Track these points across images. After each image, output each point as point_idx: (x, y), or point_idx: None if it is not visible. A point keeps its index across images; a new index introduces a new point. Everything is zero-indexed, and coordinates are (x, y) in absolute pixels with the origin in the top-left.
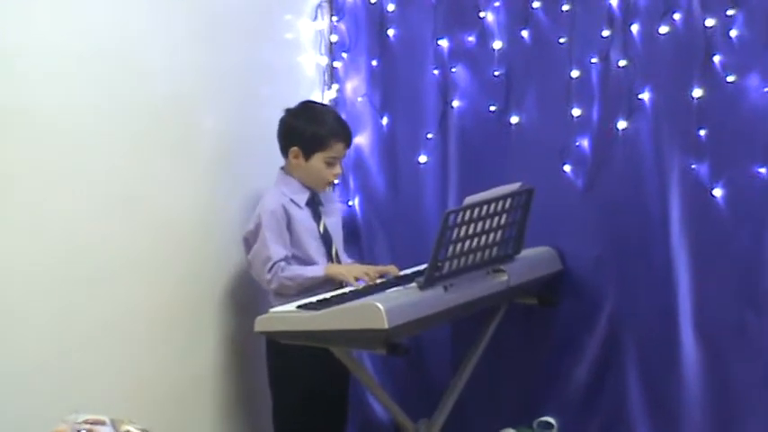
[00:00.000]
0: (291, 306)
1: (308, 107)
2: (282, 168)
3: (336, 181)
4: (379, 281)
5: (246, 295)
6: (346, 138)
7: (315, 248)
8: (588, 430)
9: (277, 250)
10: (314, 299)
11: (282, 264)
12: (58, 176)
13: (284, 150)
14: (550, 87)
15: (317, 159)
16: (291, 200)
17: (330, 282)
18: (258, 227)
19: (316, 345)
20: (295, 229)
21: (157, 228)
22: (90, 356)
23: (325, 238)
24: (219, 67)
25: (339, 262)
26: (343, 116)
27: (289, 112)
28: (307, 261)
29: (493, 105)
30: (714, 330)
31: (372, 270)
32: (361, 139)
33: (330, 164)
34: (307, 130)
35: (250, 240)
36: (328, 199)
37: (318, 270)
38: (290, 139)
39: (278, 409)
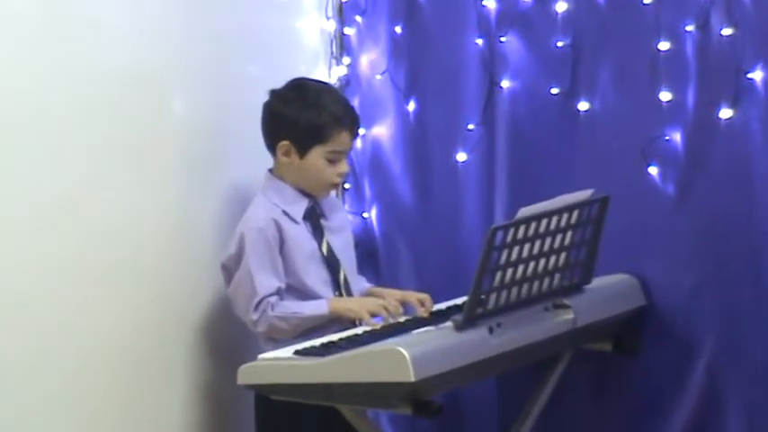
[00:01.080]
0: (287, 351)
1: (299, 86)
2: (271, 170)
3: (342, 183)
4: (403, 318)
5: (229, 336)
6: (351, 124)
7: (316, 276)
8: None
9: (266, 282)
10: (316, 342)
11: (273, 299)
12: None
13: (271, 146)
14: (631, 63)
15: (316, 155)
16: (284, 212)
17: (337, 321)
18: (241, 251)
19: (319, 403)
20: (290, 251)
21: (111, 243)
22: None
23: (330, 263)
24: (196, 35)
25: (349, 294)
26: (357, 100)
27: (275, 94)
28: (305, 293)
29: (555, 87)
30: None
31: (394, 303)
32: (381, 131)
33: (332, 160)
34: (299, 117)
35: (231, 268)
36: (333, 208)
37: (321, 306)
38: (279, 131)
39: None
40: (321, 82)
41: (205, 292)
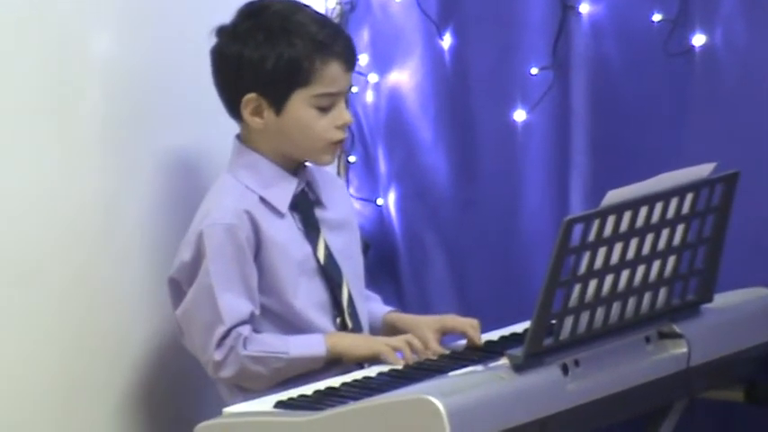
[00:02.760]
0: (265, 403)
1: (255, 12)
2: (239, 137)
3: (345, 152)
4: (432, 354)
5: (179, 380)
6: (342, 50)
7: (307, 295)
8: None
9: (234, 305)
10: (307, 389)
11: (245, 331)
12: None
13: (233, 106)
14: None
15: (298, 104)
16: (262, 200)
17: (336, 363)
18: (198, 258)
19: None
20: (269, 259)
21: (6, 246)
22: None
23: (329, 274)
24: None
25: (355, 320)
26: (366, 34)
27: (225, 33)
28: (290, 321)
29: (658, 12)
30: None
31: (430, 334)
32: (402, 78)
33: (324, 108)
34: (265, 56)
35: (182, 283)
36: (332, 191)
37: (315, 344)
38: (238, 83)
39: None
40: (286, 0)
41: (141, 316)
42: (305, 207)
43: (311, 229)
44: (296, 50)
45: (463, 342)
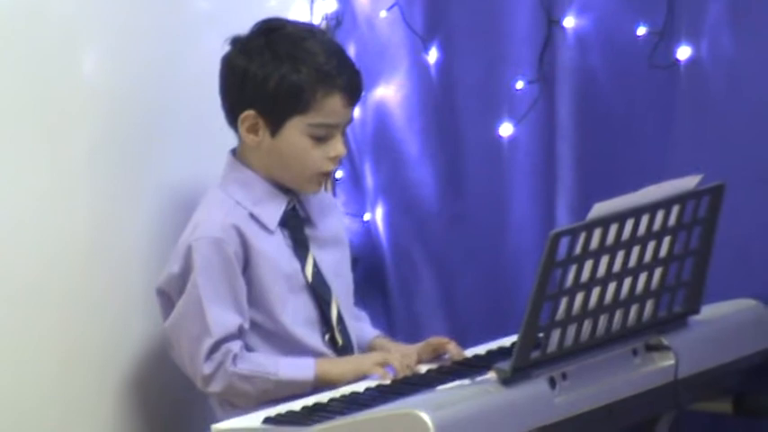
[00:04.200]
0: (253, 419)
1: (269, 30)
2: (234, 152)
3: (335, 170)
4: (423, 369)
5: (167, 394)
6: (348, 84)
7: (294, 312)
8: None
9: (223, 318)
10: (295, 405)
11: (235, 348)
12: None
13: (232, 118)
14: None
15: (294, 131)
16: (252, 216)
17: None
18: (187, 271)
19: None
20: (257, 274)
21: (5, 262)
22: None
23: (318, 292)
24: None
25: (345, 337)
26: (352, 49)
27: (236, 43)
28: (278, 334)
29: (643, 25)
30: None
31: (411, 352)
32: (388, 93)
33: (320, 138)
34: (267, 75)
35: (171, 295)
36: (324, 210)
37: (304, 368)
38: (240, 97)
39: None
40: (304, 24)
41: (132, 329)
42: (294, 224)
43: (300, 247)
44: (299, 77)
45: (448, 359)
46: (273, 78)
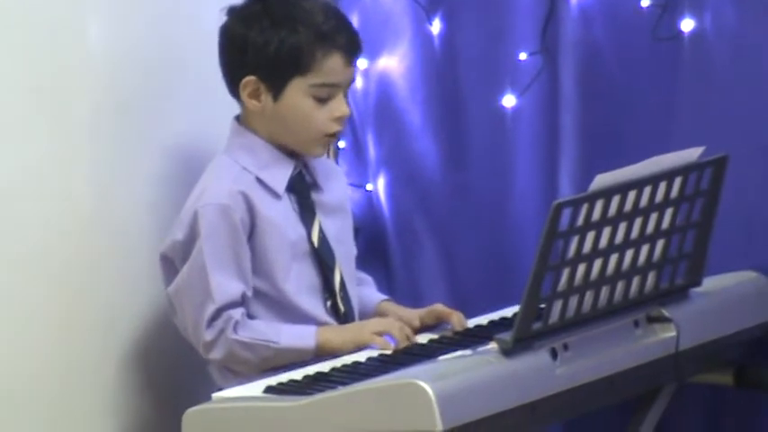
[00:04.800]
0: (255, 388)
1: None
2: (237, 119)
3: (340, 133)
4: (424, 339)
5: (169, 360)
6: (347, 43)
7: (298, 279)
8: None
9: (226, 285)
10: (297, 374)
11: (237, 315)
12: None
13: (233, 86)
14: None
15: (296, 93)
16: (259, 180)
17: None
18: (192, 237)
19: None
20: (262, 241)
21: (3, 229)
22: None
23: (322, 258)
24: None
25: (348, 305)
26: (355, 19)
27: (234, 13)
28: (281, 303)
29: None
30: None
31: (413, 318)
32: (391, 64)
33: (322, 99)
34: (267, 39)
35: (174, 261)
36: (329, 176)
37: (306, 336)
38: (240, 64)
39: None
40: None
41: (137, 295)
42: (301, 189)
43: (307, 212)
44: (298, 38)
45: (449, 329)
46: (273, 43)
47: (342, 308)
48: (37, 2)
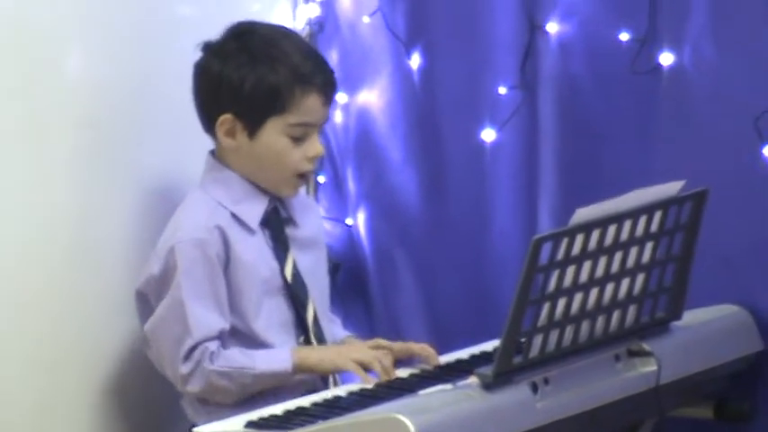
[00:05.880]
0: (234, 423)
1: (243, 32)
2: (213, 153)
3: (314, 173)
4: (405, 372)
5: (144, 396)
6: (323, 83)
7: (269, 316)
8: None
9: (204, 320)
10: (276, 408)
11: (213, 347)
12: None
13: (208, 123)
14: None
15: (272, 132)
16: (233, 216)
17: (301, 379)
18: (169, 273)
19: None
20: (236, 277)
21: None
22: None
23: (295, 293)
24: None
25: (321, 341)
26: (334, 54)
27: (209, 49)
28: (252, 338)
29: (625, 31)
30: None
31: (389, 352)
32: (371, 98)
33: (298, 138)
34: (243, 77)
35: (150, 297)
36: (304, 210)
37: (281, 359)
38: (216, 101)
39: None
40: (276, 26)
41: (112, 329)
42: (276, 224)
43: (281, 247)
44: (277, 77)
45: (428, 365)
46: (249, 80)
47: (315, 343)
48: (14, 33)
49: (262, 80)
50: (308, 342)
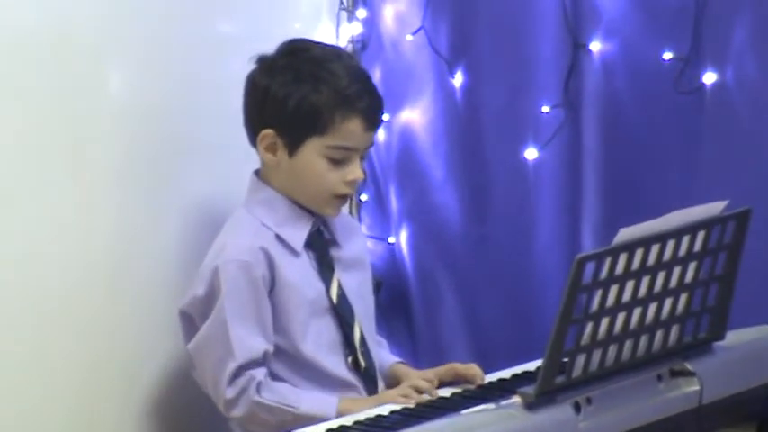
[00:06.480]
0: None
1: (294, 51)
2: (257, 173)
3: (355, 194)
4: (446, 393)
5: (191, 416)
6: (369, 108)
7: (317, 337)
8: None
9: (248, 342)
10: (320, 428)
11: (260, 376)
12: None
13: (252, 136)
14: None
15: (311, 152)
16: (278, 237)
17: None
18: (213, 294)
19: None
20: (281, 298)
21: (16, 283)
22: None
23: (341, 314)
24: None
25: (369, 360)
26: (377, 72)
27: (261, 63)
28: (299, 359)
29: (669, 50)
30: None
31: (430, 376)
32: (413, 117)
33: (337, 161)
34: (287, 95)
35: (195, 317)
36: (348, 232)
37: (326, 406)
38: (260, 116)
39: None
40: (331, 46)
41: (158, 350)
42: (320, 246)
43: (325, 268)
44: (319, 98)
45: (472, 385)
46: (293, 98)
47: (363, 363)
48: (57, 50)
49: (304, 99)
50: (356, 362)
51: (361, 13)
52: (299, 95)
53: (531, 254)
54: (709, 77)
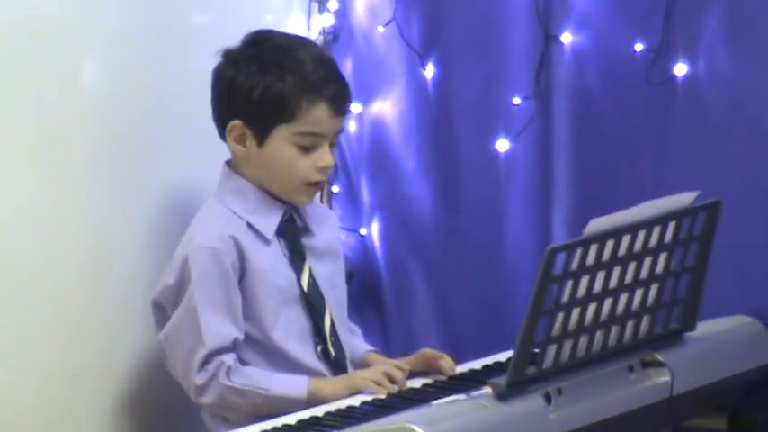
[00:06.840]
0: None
1: (259, 41)
2: (228, 163)
3: (327, 184)
4: (416, 383)
5: (163, 405)
6: (335, 94)
7: (287, 326)
8: None
9: (218, 329)
10: (290, 418)
11: (229, 360)
12: None
13: (221, 129)
14: (753, 5)
15: (280, 140)
16: (249, 226)
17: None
18: (183, 282)
19: None
20: (252, 287)
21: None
22: None
23: (312, 303)
24: None
25: (339, 350)
26: (348, 64)
27: (228, 56)
28: (269, 347)
29: (640, 42)
30: None
31: (401, 367)
32: (385, 108)
33: (307, 148)
34: (253, 84)
35: (166, 306)
36: (320, 220)
37: (297, 386)
38: (227, 108)
39: None
40: (294, 36)
41: (130, 340)
42: (291, 234)
43: (297, 257)
44: (285, 86)
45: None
46: (259, 88)
47: (332, 353)
48: (28, 43)
49: (270, 87)
50: (325, 351)
51: (333, 4)
52: (264, 84)
53: (502, 245)
54: (681, 69)
